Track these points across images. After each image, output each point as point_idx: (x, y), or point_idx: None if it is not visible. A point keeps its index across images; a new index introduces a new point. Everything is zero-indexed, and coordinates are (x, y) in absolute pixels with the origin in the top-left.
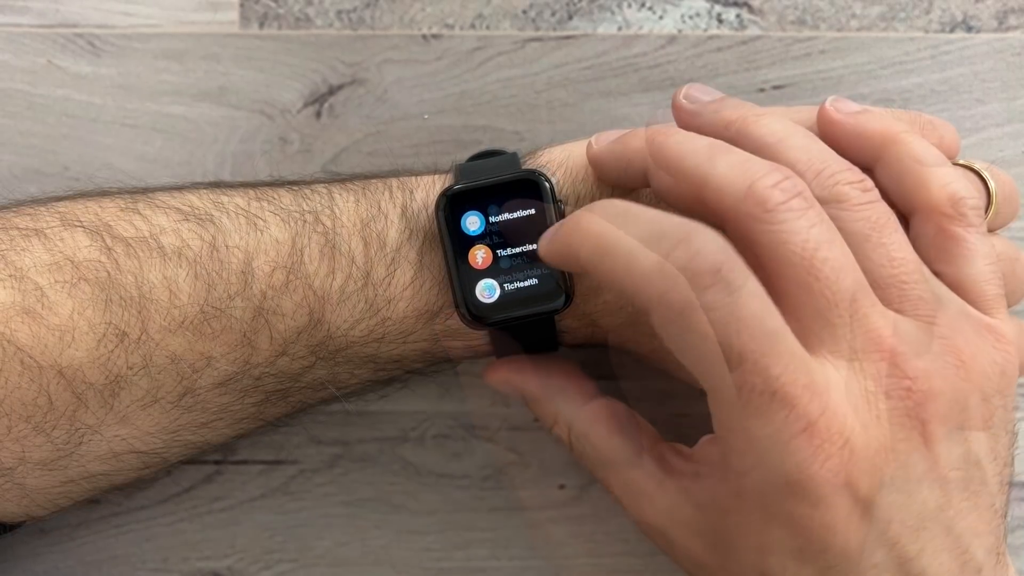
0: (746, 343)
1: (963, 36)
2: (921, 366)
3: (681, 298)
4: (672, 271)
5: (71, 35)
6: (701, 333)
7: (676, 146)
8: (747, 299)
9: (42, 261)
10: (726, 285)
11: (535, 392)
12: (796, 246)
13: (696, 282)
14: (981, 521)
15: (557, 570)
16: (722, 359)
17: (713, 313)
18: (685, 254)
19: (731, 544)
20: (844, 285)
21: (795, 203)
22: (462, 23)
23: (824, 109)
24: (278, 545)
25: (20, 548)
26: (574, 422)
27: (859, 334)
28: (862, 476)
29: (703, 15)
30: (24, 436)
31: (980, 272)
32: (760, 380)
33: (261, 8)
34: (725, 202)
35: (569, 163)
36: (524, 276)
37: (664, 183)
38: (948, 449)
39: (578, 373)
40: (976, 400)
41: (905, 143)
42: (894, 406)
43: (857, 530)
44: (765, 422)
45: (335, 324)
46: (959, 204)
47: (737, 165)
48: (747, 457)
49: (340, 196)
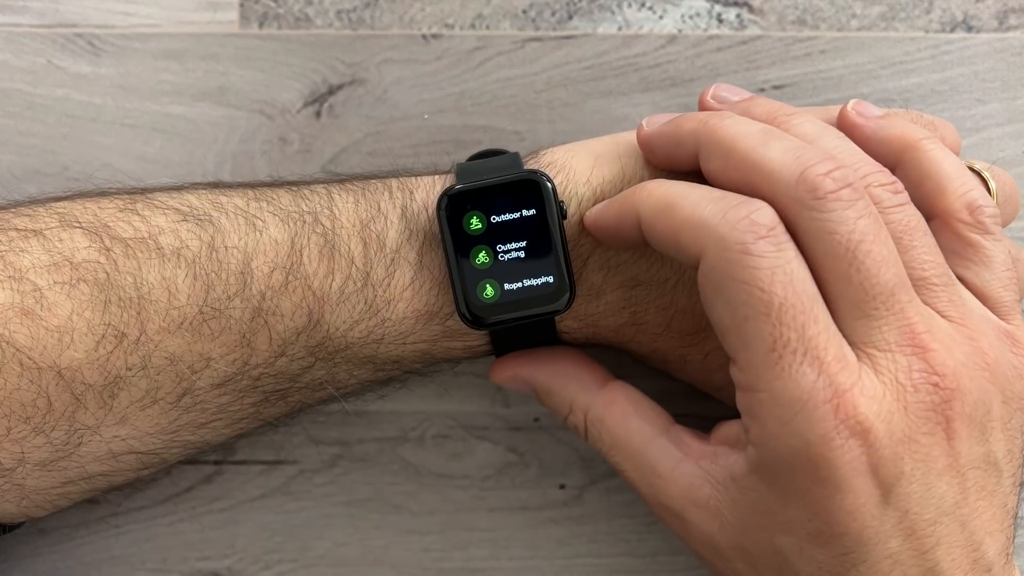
0: (789, 296)
1: (963, 36)
2: (951, 364)
3: (739, 240)
4: (734, 217)
5: (71, 35)
6: (750, 279)
7: (729, 128)
8: (793, 259)
9: (41, 262)
10: (778, 242)
11: (547, 382)
12: (842, 236)
13: (753, 231)
14: (994, 520)
15: (557, 570)
16: (763, 309)
17: (765, 260)
18: (745, 210)
19: (747, 524)
20: (884, 279)
21: (845, 193)
22: (462, 23)
23: (845, 112)
24: (278, 545)
25: (20, 548)
26: (590, 407)
27: (894, 327)
28: (884, 464)
29: (703, 15)
30: (23, 437)
31: (998, 278)
32: (795, 336)
33: (261, 8)
34: (776, 187)
35: (570, 164)
36: (525, 277)
37: (716, 165)
38: (969, 447)
39: (587, 359)
40: (998, 402)
41: (925, 149)
42: (921, 399)
43: (875, 517)
44: (794, 383)
45: (334, 325)
46: (977, 212)
47: (791, 151)
48: (769, 424)
49: (339, 196)
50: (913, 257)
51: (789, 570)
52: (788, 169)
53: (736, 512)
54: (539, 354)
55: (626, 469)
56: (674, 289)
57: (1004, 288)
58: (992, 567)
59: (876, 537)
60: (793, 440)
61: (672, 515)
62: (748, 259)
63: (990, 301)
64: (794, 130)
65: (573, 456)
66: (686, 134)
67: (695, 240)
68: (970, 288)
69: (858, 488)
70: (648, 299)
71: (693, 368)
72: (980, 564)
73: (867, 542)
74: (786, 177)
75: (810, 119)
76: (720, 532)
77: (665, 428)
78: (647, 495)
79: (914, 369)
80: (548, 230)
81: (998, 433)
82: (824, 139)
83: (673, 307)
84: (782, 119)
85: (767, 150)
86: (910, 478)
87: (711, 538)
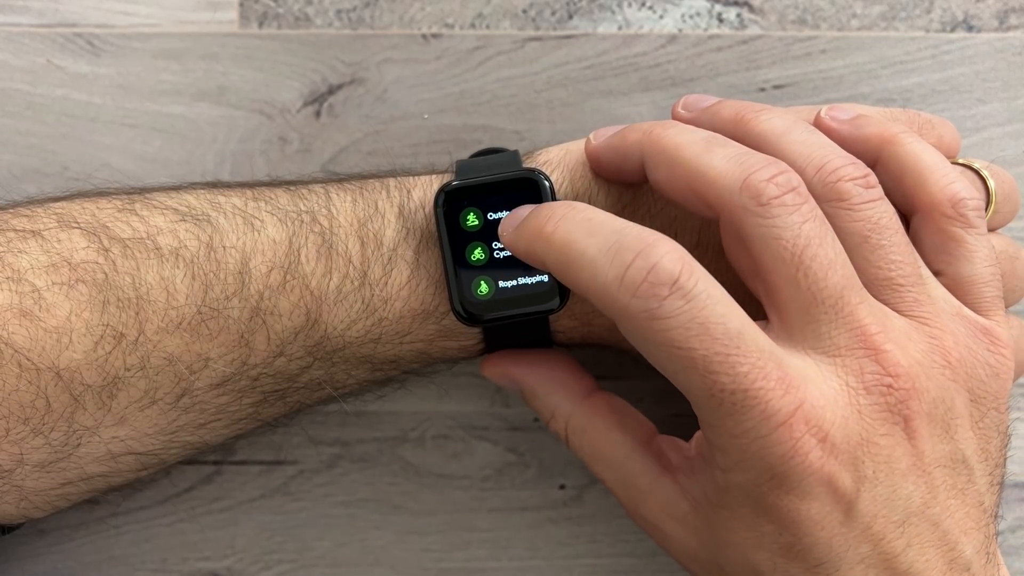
0: (709, 346)
1: (964, 36)
2: (905, 363)
3: (642, 310)
4: (632, 283)
5: (70, 35)
6: (665, 341)
7: (673, 138)
8: (705, 303)
9: (39, 262)
10: (684, 293)
11: (533, 386)
12: (787, 242)
13: (655, 292)
14: (969, 519)
15: (557, 570)
16: (690, 365)
17: (673, 320)
18: (644, 265)
19: (723, 540)
20: (831, 282)
21: (789, 198)
22: (462, 23)
23: (819, 119)
24: (278, 545)
25: (20, 549)
26: (572, 417)
27: (844, 330)
28: (844, 469)
29: (703, 14)
30: (22, 438)
31: (979, 274)
32: (728, 379)
33: (260, 7)
34: (720, 194)
35: (567, 162)
36: (520, 275)
37: (660, 175)
38: (932, 446)
39: (576, 367)
40: (963, 400)
41: (903, 143)
42: (875, 401)
43: (842, 523)
44: (741, 420)
45: (332, 324)
46: (959, 205)
47: (733, 158)
48: (730, 454)
49: (337, 196)
50: (880, 256)
51: None
52: (731, 176)
53: (710, 529)
54: (528, 356)
55: (607, 480)
56: None
57: (985, 283)
58: (971, 566)
59: (846, 543)
60: (754, 466)
61: (652, 527)
62: (657, 324)
63: (969, 296)
64: (762, 125)
65: (573, 456)
66: (631, 145)
67: (603, 308)
68: (948, 283)
69: (822, 496)
70: None
71: None
72: (958, 563)
73: (837, 549)
74: (729, 184)
75: (780, 113)
76: (699, 547)
77: (646, 440)
78: (627, 507)
79: (866, 371)
80: None
81: (966, 431)
82: (793, 133)
83: None
84: (750, 116)
85: (711, 158)
86: (873, 481)
87: (691, 551)
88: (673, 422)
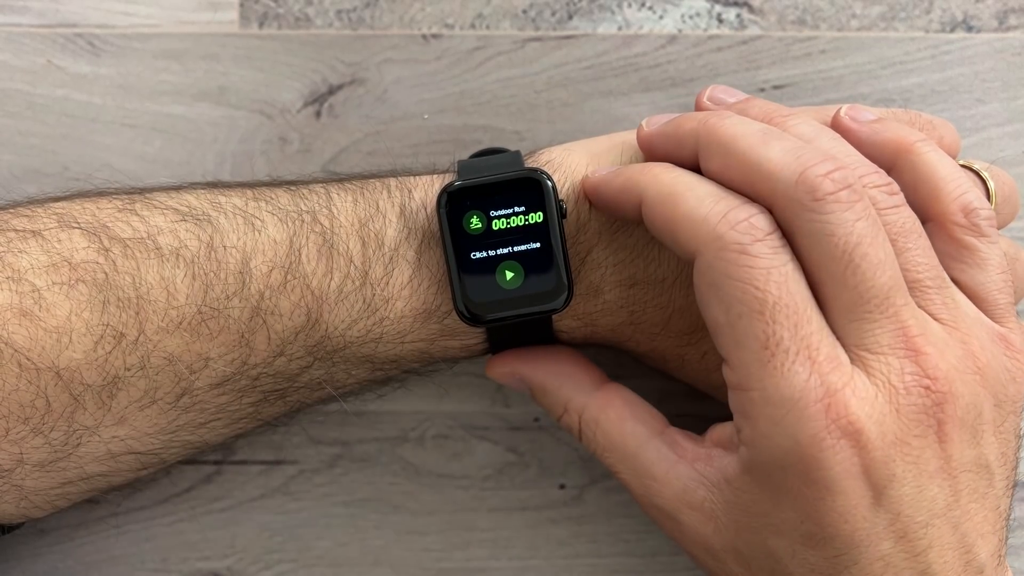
0: (783, 296)
1: (963, 36)
2: (943, 368)
3: (735, 241)
4: (735, 218)
5: (71, 35)
6: (746, 278)
7: (729, 128)
8: (788, 262)
9: (39, 262)
10: (774, 246)
11: (543, 380)
12: (840, 239)
13: (752, 232)
14: (986, 523)
15: (557, 570)
16: (757, 306)
17: (762, 260)
18: (747, 212)
19: (740, 526)
20: (880, 282)
21: (844, 194)
22: (462, 23)
23: (839, 118)
24: (278, 545)
25: (20, 548)
26: (586, 408)
27: (888, 330)
28: (876, 465)
29: (703, 15)
30: (22, 438)
31: (992, 281)
32: (788, 334)
33: (261, 8)
34: (775, 187)
35: (568, 163)
36: (523, 275)
37: (716, 165)
38: (961, 451)
39: (585, 360)
40: (990, 406)
41: (920, 152)
42: (913, 402)
43: (867, 519)
44: (785, 381)
45: (332, 324)
46: (972, 215)
47: (791, 151)
48: (760, 423)
49: (338, 196)
50: (908, 259)
51: (782, 572)
52: (788, 169)
53: (729, 514)
54: (537, 352)
55: (620, 471)
56: (672, 288)
57: (999, 291)
58: (984, 569)
59: (868, 539)
60: (784, 439)
61: (666, 517)
62: (745, 258)
63: (984, 304)
64: (791, 131)
65: (573, 456)
66: (686, 134)
67: (693, 236)
68: (964, 290)
69: (849, 490)
70: (646, 298)
71: (691, 367)
72: (972, 566)
73: (859, 544)
74: (786, 177)
75: (806, 120)
76: (714, 534)
77: (660, 430)
78: (641, 497)
79: (907, 372)
80: (549, 232)
81: (990, 436)
82: (820, 140)
83: (671, 306)
84: (778, 120)
85: (767, 150)
86: (902, 480)
87: (705, 540)
88: (675, 422)
